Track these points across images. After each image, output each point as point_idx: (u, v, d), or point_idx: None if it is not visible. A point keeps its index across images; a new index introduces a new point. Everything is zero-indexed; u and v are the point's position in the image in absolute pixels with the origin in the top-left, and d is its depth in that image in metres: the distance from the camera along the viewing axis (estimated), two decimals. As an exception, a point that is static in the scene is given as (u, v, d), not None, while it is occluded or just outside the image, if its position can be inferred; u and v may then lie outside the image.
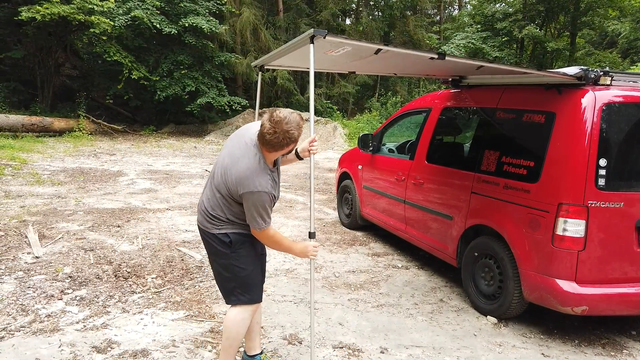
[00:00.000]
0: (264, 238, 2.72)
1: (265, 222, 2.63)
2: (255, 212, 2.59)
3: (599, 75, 3.48)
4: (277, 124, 2.49)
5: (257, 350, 3.09)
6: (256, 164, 2.59)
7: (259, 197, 2.56)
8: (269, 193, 2.59)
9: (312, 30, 2.81)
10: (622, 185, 3.46)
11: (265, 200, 2.59)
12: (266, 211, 2.61)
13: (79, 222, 6.22)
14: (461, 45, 21.57)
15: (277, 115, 2.51)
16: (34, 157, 11.45)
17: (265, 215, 2.62)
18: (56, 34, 17.37)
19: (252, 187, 2.55)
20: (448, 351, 3.45)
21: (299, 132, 2.57)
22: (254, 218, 2.61)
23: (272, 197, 2.63)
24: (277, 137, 2.50)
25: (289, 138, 2.52)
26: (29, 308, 3.79)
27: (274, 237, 2.72)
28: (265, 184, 2.58)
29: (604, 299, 3.47)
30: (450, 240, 4.48)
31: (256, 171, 2.58)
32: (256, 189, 2.55)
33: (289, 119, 2.52)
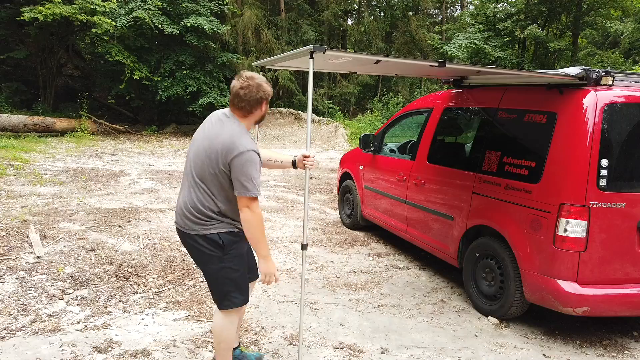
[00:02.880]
0: (252, 211, 2.52)
1: (256, 188, 2.50)
2: (246, 175, 2.48)
3: (601, 75, 3.47)
4: (249, 78, 2.57)
5: (235, 344, 3.04)
6: (237, 127, 2.60)
7: (249, 156, 2.49)
8: (257, 152, 2.54)
9: (312, 46, 2.82)
10: (623, 186, 3.45)
11: (256, 161, 2.51)
12: (257, 175, 2.51)
13: (80, 222, 6.23)
14: (463, 45, 21.55)
15: (247, 73, 2.60)
16: (36, 157, 11.47)
17: (256, 181, 2.51)
18: (58, 34, 17.41)
19: (241, 148, 2.50)
20: (449, 352, 3.44)
21: (270, 87, 2.64)
22: (245, 183, 2.48)
23: (260, 161, 2.56)
24: (251, 90, 2.55)
25: (263, 91, 2.58)
26: (30, 308, 3.79)
27: (260, 216, 2.56)
28: (252, 144, 2.55)
29: (606, 300, 3.46)
30: (452, 241, 4.47)
31: (240, 133, 2.57)
32: (245, 149, 2.50)
33: (259, 76, 2.61)
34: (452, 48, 21.57)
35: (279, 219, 7.00)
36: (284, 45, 21.93)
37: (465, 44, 21.56)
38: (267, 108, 2.70)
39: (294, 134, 19.02)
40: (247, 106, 2.60)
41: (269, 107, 2.77)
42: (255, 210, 2.53)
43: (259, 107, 2.64)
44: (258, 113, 2.67)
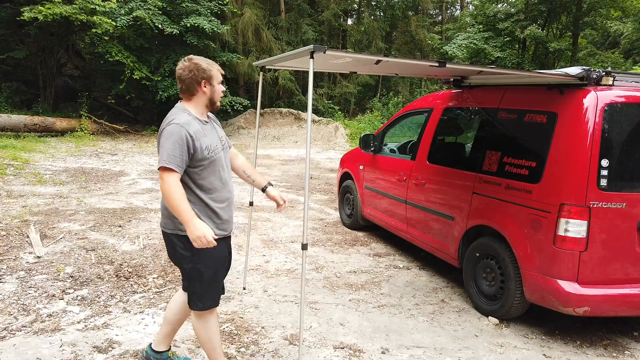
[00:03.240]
0: (163, 181, 2.45)
1: (169, 160, 2.43)
2: (162, 146, 2.47)
3: (601, 75, 3.47)
4: (187, 60, 2.63)
5: (166, 347, 2.99)
6: (176, 108, 2.64)
7: (170, 128, 2.48)
8: (184, 128, 2.48)
9: (312, 46, 2.82)
10: (624, 186, 3.45)
11: (178, 134, 2.46)
12: (176, 148, 2.44)
13: (80, 222, 6.22)
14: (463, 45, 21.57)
15: (189, 56, 2.68)
16: (36, 157, 11.47)
17: (173, 153, 2.44)
18: (58, 34, 17.41)
19: (167, 121, 2.54)
20: (449, 352, 3.44)
21: (210, 67, 2.63)
22: (161, 153, 2.46)
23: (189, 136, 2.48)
24: (185, 70, 2.59)
25: (198, 70, 2.59)
26: (30, 308, 3.79)
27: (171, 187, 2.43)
28: (185, 120, 2.52)
29: (606, 300, 3.46)
30: (452, 241, 4.47)
31: (175, 111, 2.61)
32: (168, 121, 2.52)
33: (199, 57, 2.66)
34: (452, 48, 21.58)
35: (279, 219, 7.00)
36: (284, 45, 21.94)
37: (465, 44, 21.58)
38: (212, 89, 2.65)
39: (294, 134, 19.02)
40: (185, 87, 2.62)
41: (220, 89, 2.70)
42: (166, 180, 2.44)
43: (199, 88, 2.62)
44: (202, 95, 2.64)
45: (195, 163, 2.55)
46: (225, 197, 2.72)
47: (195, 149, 2.52)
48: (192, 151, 2.51)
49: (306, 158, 3.05)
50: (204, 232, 2.44)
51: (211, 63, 2.66)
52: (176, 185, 2.45)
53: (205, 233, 2.44)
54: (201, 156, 2.55)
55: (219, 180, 2.68)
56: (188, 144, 2.49)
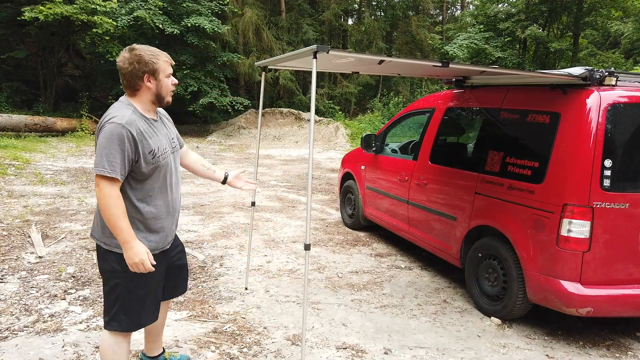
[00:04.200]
0: (100, 189, 2.17)
1: (106, 165, 2.14)
2: (99, 148, 2.17)
3: (604, 75, 3.46)
4: (128, 50, 2.32)
5: (159, 351, 2.92)
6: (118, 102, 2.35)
7: (112, 128, 2.16)
8: (126, 128, 2.18)
9: (315, 46, 2.81)
10: (627, 186, 3.44)
11: (118, 135, 2.16)
12: (116, 152, 2.15)
13: (82, 222, 6.22)
14: (464, 45, 21.57)
15: (132, 46, 2.35)
16: (37, 157, 11.47)
17: (112, 158, 2.15)
18: (59, 34, 17.41)
19: (106, 119, 2.22)
20: (452, 352, 3.43)
21: (154, 59, 2.32)
22: (97, 157, 2.17)
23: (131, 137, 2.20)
24: (129, 62, 2.28)
25: (141, 62, 2.28)
26: (32, 308, 3.78)
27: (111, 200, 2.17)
28: (128, 118, 2.21)
29: (609, 300, 3.45)
30: (454, 241, 4.46)
31: (116, 106, 2.31)
32: (112, 121, 2.19)
33: (141, 47, 2.34)
34: (453, 48, 21.58)
35: (281, 219, 6.99)
36: (285, 45, 21.95)
37: (466, 44, 21.58)
38: (158, 84, 2.35)
39: (295, 134, 19.02)
40: (127, 82, 2.32)
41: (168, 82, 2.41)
42: (103, 189, 2.16)
43: (141, 83, 2.32)
44: (146, 90, 2.34)
45: (137, 168, 2.27)
46: (168, 206, 2.45)
47: (138, 154, 2.24)
48: (134, 156, 2.23)
49: (309, 158, 3.05)
50: (142, 258, 2.23)
51: (156, 53, 2.35)
52: (116, 198, 2.19)
53: (144, 260, 2.24)
54: (145, 161, 2.28)
55: (163, 187, 2.41)
56: (129, 148, 2.20)
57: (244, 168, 2.57)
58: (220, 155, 14.45)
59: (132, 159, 2.23)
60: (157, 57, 2.34)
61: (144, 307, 2.44)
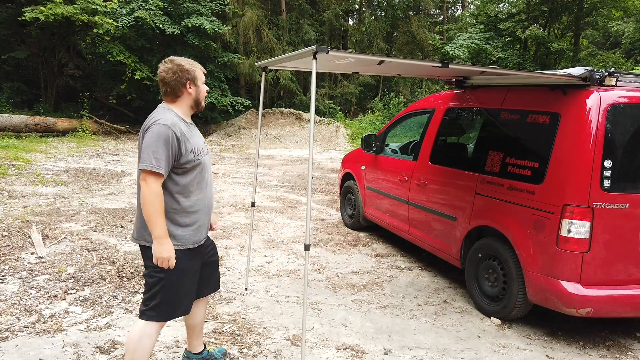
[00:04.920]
0: (147, 185, 2.36)
1: (153, 161, 2.35)
2: (147, 146, 2.38)
3: (604, 76, 3.46)
4: (169, 61, 2.56)
5: (201, 347, 3.01)
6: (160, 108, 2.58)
7: (160, 129, 2.39)
8: (172, 129, 2.41)
9: (315, 46, 2.82)
10: (627, 187, 3.44)
11: (167, 135, 2.39)
12: (163, 151, 2.37)
13: (82, 222, 6.23)
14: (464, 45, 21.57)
15: (170, 57, 2.60)
16: (38, 157, 11.48)
17: (159, 155, 2.36)
18: (59, 35, 17.42)
19: (152, 121, 2.45)
20: (452, 353, 3.43)
21: (193, 67, 2.59)
22: (143, 154, 2.38)
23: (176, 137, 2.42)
24: (172, 72, 2.53)
25: (184, 71, 2.55)
26: (32, 308, 3.79)
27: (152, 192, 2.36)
28: (171, 120, 2.45)
29: (609, 301, 3.45)
30: (454, 242, 4.46)
31: (159, 110, 2.54)
32: (158, 122, 2.42)
33: (180, 58, 2.61)
34: (454, 48, 21.58)
35: (281, 219, 7.00)
36: (285, 46, 21.95)
37: (467, 44, 21.58)
38: (197, 90, 2.62)
39: (295, 134, 19.02)
40: (170, 89, 2.56)
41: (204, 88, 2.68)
42: (150, 185, 2.37)
43: (184, 89, 2.57)
44: (187, 96, 2.60)
45: (179, 164, 2.48)
46: (204, 201, 2.64)
47: (180, 152, 2.46)
48: (177, 154, 2.45)
49: (309, 158, 3.05)
50: (170, 256, 2.43)
51: (193, 63, 2.62)
52: (159, 194, 2.39)
53: (171, 257, 2.44)
54: (186, 159, 2.49)
55: (201, 183, 2.61)
56: (174, 147, 2.42)
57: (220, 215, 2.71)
58: (221, 156, 14.45)
59: (175, 157, 2.45)
60: (194, 65, 2.62)
61: (181, 299, 2.61)
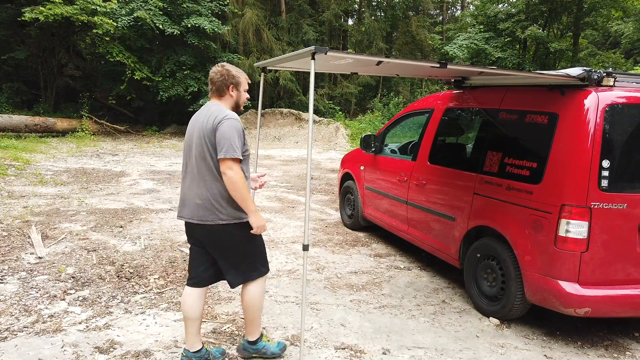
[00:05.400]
0: (232, 171, 2.76)
1: (236, 151, 2.77)
2: (228, 137, 2.76)
3: (602, 76, 3.46)
4: (220, 66, 3.01)
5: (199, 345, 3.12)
6: (216, 104, 2.96)
7: (233, 122, 2.81)
8: (240, 122, 2.86)
9: (314, 47, 2.83)
10: (625, 187, 3.45)
11: (239, 127, 2.83)
12: (237, 140, 2.78)
13: (81, 223, 6.23)
14: (464, 45, 21.58)
15: (222, 63, 3.07)
16: (37, 158, 11.49)
17: (237, 144, 2.78)
18: (59, 35, 17.44)
19: (225, 115, 2.84)
20: (450, 352, 3.44)
21: (238, 75, 3.00)
22: (227, 145, 2.75)
23: (243, 131, 2.87)
24: (221, 75, 2.96)
25: (230, 76, 2.97)
26: (31, 308, 3.79)
27: (242, 176, 2.80)
28: (232, 114, 2.88)
29: (607, 301, 3.46)
30: (453, 242, 4.47)
31: (220, 107, 2.93)
32: (228, 117, 2.83)
33: (231, 65, 3.04)
34: (453, 48, 21.59)
35: (280, 220, 7.00)
36: (285, 46, 21.95)
37: (466, 45, 21.59)
38: (238, 94, 3.01)
39: (295, 134, 19.03)
40: (215, 88, 2.97)
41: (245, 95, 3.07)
42: (236, 170, 2.78)
43: (227, 91, 2.97)
44: (229, 97, 2.99)
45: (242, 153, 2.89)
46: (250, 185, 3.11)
47: (245, 141, 2.92)
48: (244, 143, 2.90)
49: (307, 158, 3.06)
50: (264, 223, 2.96)
51: (240, 72, 3.04)
52: (244, 177, 2.83)
53: (264, 224, 2.96)
54: (245, 148, 2.94)
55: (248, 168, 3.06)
56: (243, 136, 2.89)
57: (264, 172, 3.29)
58: (221, 156, 14.45)
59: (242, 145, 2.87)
60: (240, 73, 3.04)
61: (265, 255, 3.17)
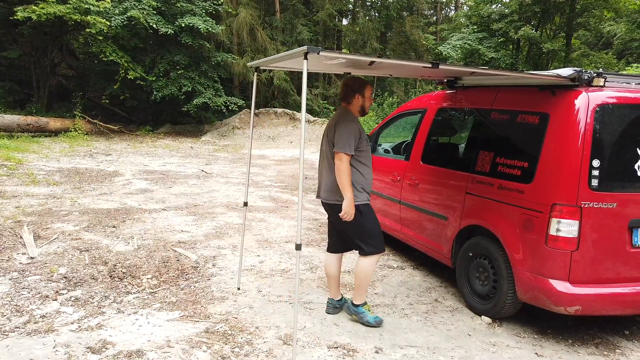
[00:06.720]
0: (340, 161, 3.44)
1: (347, 147, 3.44)
2: (343, 135, 3.46)
3: (593, 76, 3.49)
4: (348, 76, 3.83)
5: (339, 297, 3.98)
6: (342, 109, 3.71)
7: (349, 124, 3.52)
8: (355, 123, 3.57)
9: (306, 47, 2.83)
10: (615, 186, 3.48)
11: (353, 129, 3.50)
12: (351, 139, 3.46)
13: (74, 223, 6.21)
14: (457, 46, 21.63)
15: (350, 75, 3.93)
16: (30, 157, 11.42)
17: (349, 142, 3.45)
18: (52, 34, 17.34)
19: (344, 118, 3.58)
20: (442, 351, 3.46)
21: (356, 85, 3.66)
22: (341, 141, 3.45)
23: (359, 130, 3.54)
24: (342, 89, 3.74)
25: (346, 86, 3.70)
26: (23, 309, 3.78)
27: (346, 167, 3.44)
28: (352, 118, 3.61)
29: (597, 299, 3.49)
30: (445, 241, 4.49)
31: (345, 113, 3.66)
32: (346, 119, 3.57)
33: (347, 77, 3.85)
34: (447, 48, 21.64)
35: (274, 219, 7.00)
36: (279, 46, 21.93)
37: (460, 45, 21.64)
38: (363, 101, 3.68)
39: (289, 134, 19.02)
40: (344, 94, 3.69)
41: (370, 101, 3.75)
42: (344, 162, 3.45)
43: (354, 97, 3.66)
44: (355, 102, 3.68)
45: (360, 149, 3.56)
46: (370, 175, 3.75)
47: (361, 139, 3.56)
48: (359, 140, 3.54)
49: (300, 157, 3.07)
50: (354, 212, 3.47)
51: (365, 81, 3.70)
52: (348, 169, 3.47)
53: (354, 213, 3.47)
54: (362, 144, 3.58)
55: (369, 162, 3.71)
56: (355, 135, 3.51)
57: None
58: (215, 156, 14.43)
59: (357, 142, 3.53)
60: (365, 82, 3.71)
61: (380, 235, 3.73)
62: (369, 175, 3.71)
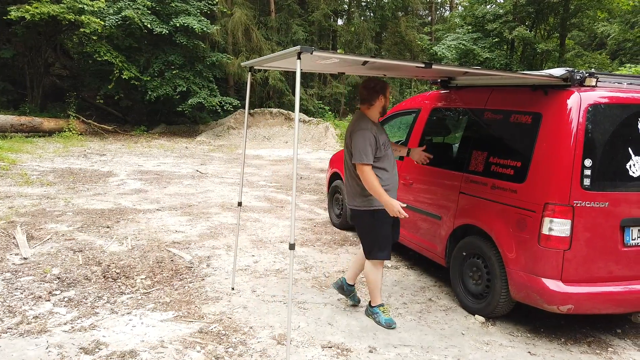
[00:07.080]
0: (362, 173, 3.50)
1: (364, 157, 3.49)
2: (358, 146, 3.51)
3: (585, 76, 3.52)
4: (368, 78, 3.76)
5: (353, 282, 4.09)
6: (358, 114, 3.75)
7: (362, 133, 3.55)
8: (370, 131, 3.57)
9: (299, 47, 2.83)
10: (607, 185, 3.50)
11: (367, 137, 3.52)
12: (367, 147, 3.50)
13: (68, 223, 6.18)
14: (452, 46, 21.67)
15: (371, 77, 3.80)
16: (23, 158, 11.37)
17: (366, 152, 3.49)
18: (46, 34, 17.25)
19: (357, 127, 3.61)
20: (436, 350, 3.47)
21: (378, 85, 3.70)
22: (357, 152, 3.51)
23: (374, 137, 3.55)
24: (361, 90, 3.76)
25: (367, 89, 3.72)
26: (16, 309, 3.76)
27: (370, 176, 3.49)
28: (366, 125, 3.60)
29: (590, 298, 3.51)
30: (439, 240, 4.51)
31: (359, 120, 3.69)
32: (360, 128, 3.59)
33: (367, 79, 3.83)
34: (442, 49, 21.68)
35: (269, 219, 7.00)
36: (274, 46, 21.90)
37: (455, 45, 21.68)
38: (385, 101, 3.72)
39: (284, 134, 19.00)
40: (364, 97, 3.73)
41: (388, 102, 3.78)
42: (365, 172, 3.50)
43: (377, 99, 3.69)
44: (379, 103, 3.71)
45: (377, 153, 3.59)
46: (392, 179, 3.74)
47: (378, 145, 3.59)
48: (376, 146, 3.57)
49: (293, 157, 3.07)
50: (399, 208, 3.47)
51: (385, 81, 3.78)
52: (374, 175, 3.51)
53: (400, 209, 3.47)
54: (380, 149, 3.60)
55: (389, 166, 3.71)
56: (371, 142, 3.54)
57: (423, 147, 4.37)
58: (210, 156, 14.40)
59: (374, 149, 3.57)
60: (386, 84, 3.77)
61: (387, 243, 3.75)
62: (389, 180, 3.70)
